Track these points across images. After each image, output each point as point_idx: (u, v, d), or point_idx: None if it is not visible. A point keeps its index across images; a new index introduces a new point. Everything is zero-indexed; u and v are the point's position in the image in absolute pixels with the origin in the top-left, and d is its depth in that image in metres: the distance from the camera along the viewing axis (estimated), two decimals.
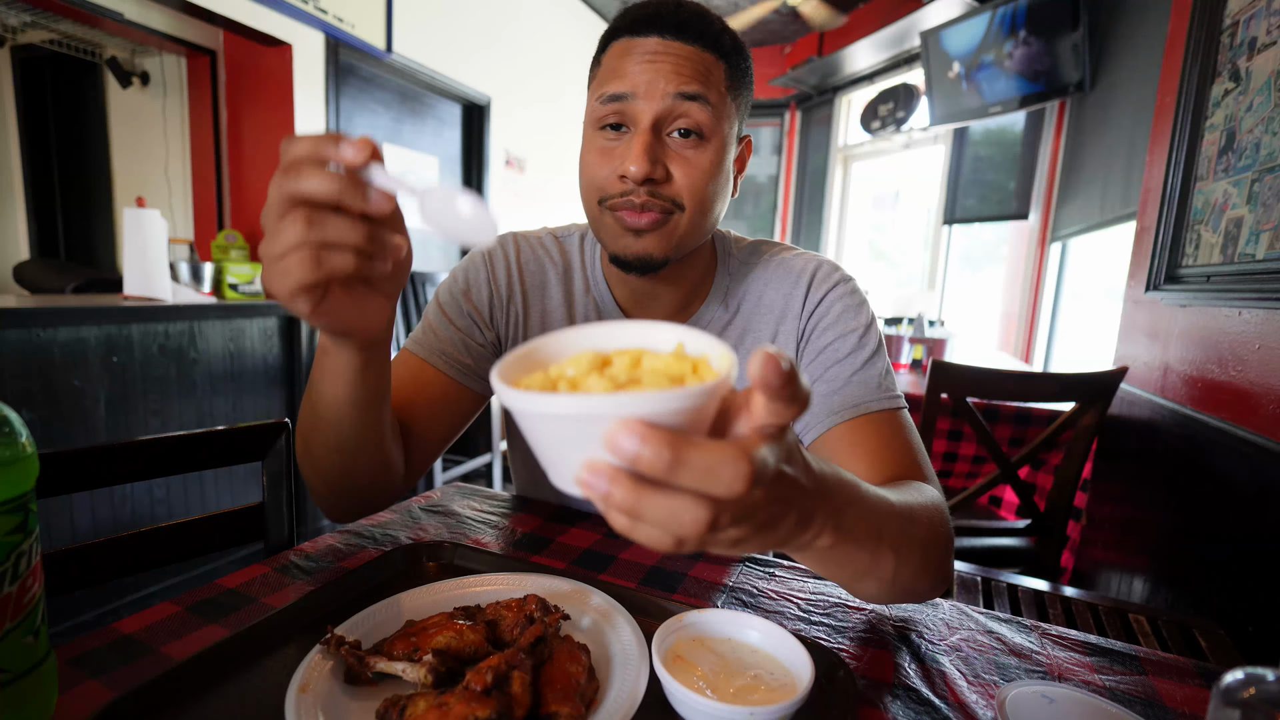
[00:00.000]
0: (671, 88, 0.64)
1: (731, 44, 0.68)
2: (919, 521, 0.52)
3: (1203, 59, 1.41)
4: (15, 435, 0.38)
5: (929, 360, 1.94)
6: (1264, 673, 0.31)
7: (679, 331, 0.34)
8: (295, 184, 0.40)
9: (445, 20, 3.19)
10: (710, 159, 0.67)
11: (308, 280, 0.42)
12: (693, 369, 0.31)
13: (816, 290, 0.77)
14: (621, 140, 0.67)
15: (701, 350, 0.33)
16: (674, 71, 0.64)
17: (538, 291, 0.83)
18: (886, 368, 0.73)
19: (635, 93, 0.65)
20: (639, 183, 0.65)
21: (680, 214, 0.68)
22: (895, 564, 0.49)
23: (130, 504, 1.98)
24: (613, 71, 0.67)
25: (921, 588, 0.56)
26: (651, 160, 0.64)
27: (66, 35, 2.91)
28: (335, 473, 0.63)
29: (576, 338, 0.35)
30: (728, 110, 0.68)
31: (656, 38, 0.65)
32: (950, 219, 3.98)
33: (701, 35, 0.66)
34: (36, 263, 2.92)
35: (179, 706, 0.43)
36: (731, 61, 0.68)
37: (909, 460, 0.67)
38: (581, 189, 0.72)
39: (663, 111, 0.65)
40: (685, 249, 0.71)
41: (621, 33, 0.68)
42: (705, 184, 0.67)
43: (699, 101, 0.65)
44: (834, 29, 3.96)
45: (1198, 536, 1.26)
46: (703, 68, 0.65)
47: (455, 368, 0.76)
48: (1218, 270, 1.28)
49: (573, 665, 0.45)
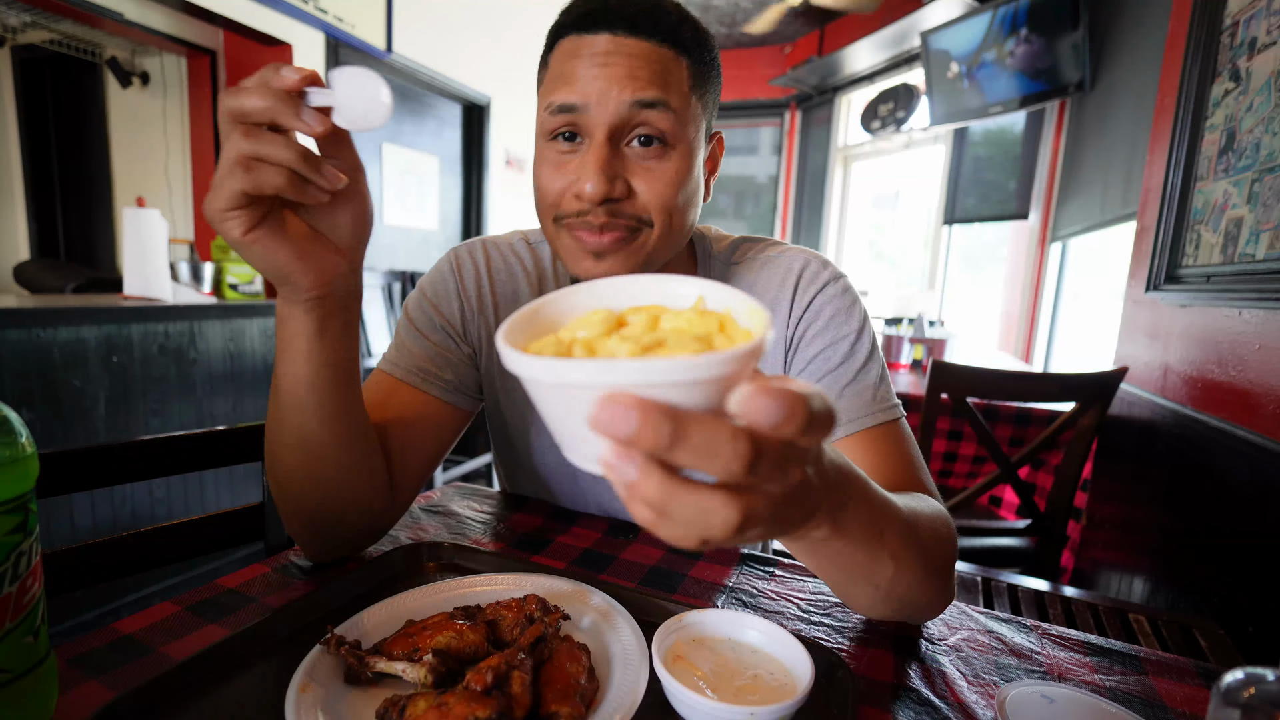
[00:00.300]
0: (627, 95, 0.57)
1: (693, 35, 0.61)
2: (922, 530, 0.50)
3: (1203, 59, 1.41)
4: (15, 435, 0.38)
5: (929, 360, 1.94)
6: (1264, 673, 0.31)
7: (699, 285, 0.31)
8: (233, 101, 0.43)
9: (445, 20, 3.19)
10: (676, 168, 0.61)
11: (236, 189, 0.43)
12: (719, 327, 0.29)
13: (804, 293, 0.72)
14: (576, 152, 0.61)
15: (725, 304, 0.30)
16: (629, 75, 0.57)
17: (510, 302, 0.78)
18: (881, 373, 0.69)
19: (586, 103, 0.58)
20: (596, 203, 0.59)
21: (648, 230, 0.62)
22: (894, 570, 0.47)
23: (130, 504, 1.98)
24: (560, 77, 0.60)
25: (920, 602, 0.53)
26: (609, 177, 0.58)
27: (66, 35, 2.91)
28: (303, 484, 0.58)
29: (587, 296, 0.32)
30: (692, 112, 0.62)
31: (607, 34, 0.58)
32: (950, 219, 3.98)
33: (658, 28, 0.59)
34: (36, 263, 2.92)
35: (179, 706, 0.43)
36: (694, 56, 0.61)
37: (907, 475, 0.64)
38: (536, 207, 0.66)
39: (619, 121, 0.58)
40: (655, 267, 0.65)
41: (568, 29, 0.61)
42: (673, 196, 0.61)
43: (659, 108, 0.58)
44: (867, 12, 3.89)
45: (1198, 536, 1.26)
46: (661, 67, 0.59)
47: (435, 385, 0.72)
48: (1218, 270, 1.28)
49: (573, 665, 0.45)
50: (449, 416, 0.73)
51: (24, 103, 3.45)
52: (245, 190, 0.43)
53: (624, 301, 0.32)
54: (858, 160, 4.77)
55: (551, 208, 0.63)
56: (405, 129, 3.22)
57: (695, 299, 0.31)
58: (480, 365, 0.78)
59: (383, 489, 0.64)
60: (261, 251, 0.47)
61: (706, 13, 4.44)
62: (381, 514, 0.66)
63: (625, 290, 0.33)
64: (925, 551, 0.50)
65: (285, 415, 0.55)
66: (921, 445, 1.51)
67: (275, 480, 0.60)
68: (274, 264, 0.48)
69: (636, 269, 0.63)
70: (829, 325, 0.70)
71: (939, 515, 0.55)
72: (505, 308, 0.77)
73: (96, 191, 3.41)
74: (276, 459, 0.58)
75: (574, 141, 0.61)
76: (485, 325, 0.77)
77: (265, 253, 0.48)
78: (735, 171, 5.43)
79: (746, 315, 0.29)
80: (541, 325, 0.32)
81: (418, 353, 0.73)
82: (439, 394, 0.72)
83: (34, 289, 2.65)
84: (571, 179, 0.61)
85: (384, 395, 0.70)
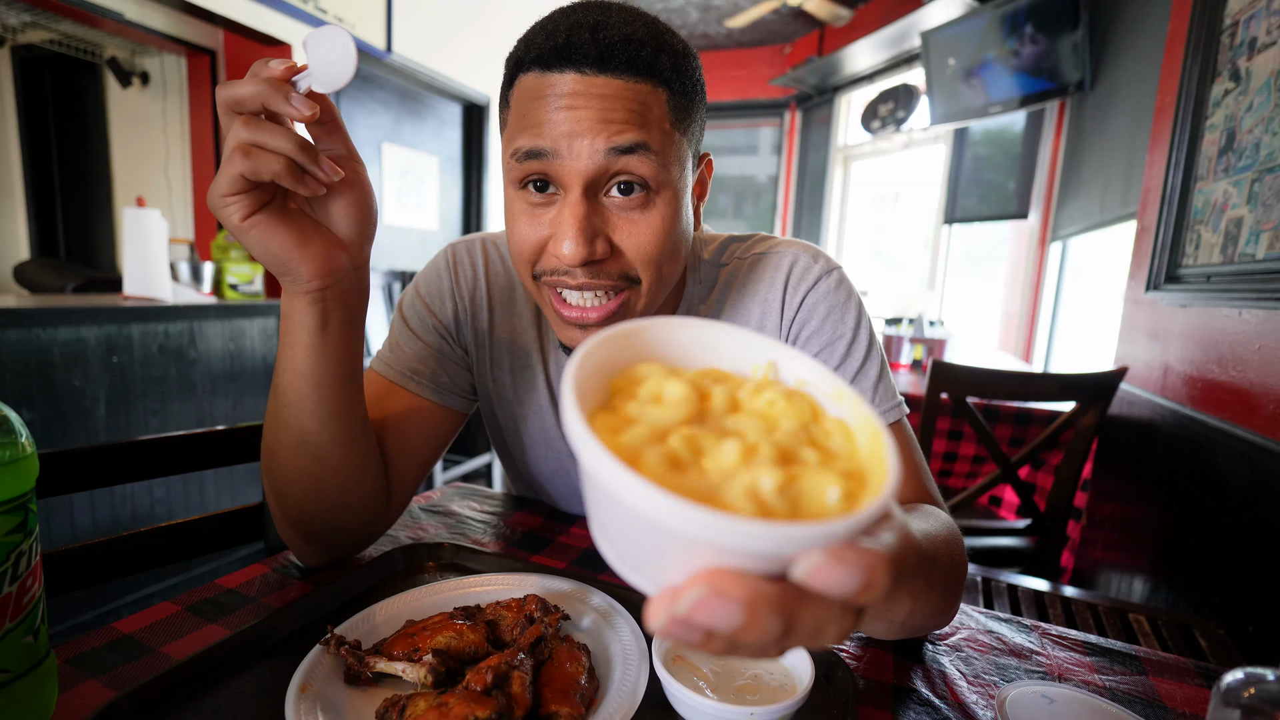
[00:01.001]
0: (601, 142, 0.51)
1: (671, 64, 0.54)
2: (939, 563, 0.47)
3: (1203, 59, 1.41)
4: (15, 435, 0.38)
5: (929, 360, 1.94)
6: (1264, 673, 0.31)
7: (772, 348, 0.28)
8: (227, 91, 0.45)
9: (445, 20, 3.19)
10: (661, 215, 0.55)
11: (235, 173, 0.45)
12: (813, 416, 0.26)
13: (795, 291, 0.68)
14: (551, 204, 0.55)
15: (798, 377, 0.28)
16: (601, 119, 0.51)
17: (505, 309, 0.75)
18: (881, 371, 0.67)
19: (556, 150, 0.52)
20: (576, 265, 0.54)
21: (636, 289, 0.58)
22: (911, 608, 0.45)
23: (130, 504, 1.98)
24: (523, 120, 0.53)
25: (931, 624, 0.54)
26: (588, 238, 0.53)
27: (66, 35, 2.91)
28: (302, 486, 0.57)
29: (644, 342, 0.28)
30: (676, 149, 0.55)
31: (574, 74, 0.51)
32: (950, 219, 3.98)
33: (632, 63, 0.51)
34: (36, 263, 2.92)
35: (179, 706, 0.43)
36: (674, 86, 0.54)
37: (911, 480, 0.62)
38: (511, 256, 0.61)
39: (595, 171, 0.52)
40: (649, 312, 0.61)
41: (526, 65, 0.54)
42: (659, 248, 0.56)
43: (639, 153, 0.52)
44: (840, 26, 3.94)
45: (1198, 536, 1.26)
46: (638, 106, 0.52)
47: (429, 387, 0.70)
48: (1218, 270, 1.28)
49: (573, 665, 0.45)
50: (443, 418, 0.72)
51: (24, 103, 3.45)
52: (244, 174, 0.45)
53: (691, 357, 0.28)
54: (858, 160, 4.77)
55: (528, 264, 0.58)
56: (405, 129, 3.22)
57: (766, 365, 0.28)
58: (472, 367, 0.77)
59: (380, 492, 0.64)
60: (260, 237, 0.48)
61: (707, 12, 4.44)
62: (377, 518, 0.65)
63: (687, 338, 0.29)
64: (942, 582, 0.48)
65: (286, 414, 0.55)
66: (922, 445, 1.51)
67: (273, 483, 0.59)
68: (273, 251, 0.49)
69: None
70: (823, 325, 0.67)
71: (952, 536, 0.52)
72: (500, 308, 0.75)
73: (96, 191, 3.41)
74: (275, 461, 0.58)
75: (546, 191, 0.55)
76: (477, 326, 0.75)
77: (264, 239, 0.48)
78: (735, 171, 5.43)
79: (834, 400, 0.26)
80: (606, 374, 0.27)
81: (410, 353, 0.71)
82: (432, 396, 0.71)
83: (34, 289, 2.65)
84: (547, 234, 0.55)
85: (378, 396, 0.69)
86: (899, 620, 0.48)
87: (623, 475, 0.20)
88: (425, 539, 0.72)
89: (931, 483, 0.65)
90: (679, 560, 0.21)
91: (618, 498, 0.21)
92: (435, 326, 0.73)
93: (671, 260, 0.59)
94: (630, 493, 0.20)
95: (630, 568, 0.24)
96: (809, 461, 0.24)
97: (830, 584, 0.21)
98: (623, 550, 0.24)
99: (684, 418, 0.25)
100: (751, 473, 0.22)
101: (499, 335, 0.75)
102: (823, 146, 4.84)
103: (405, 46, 2.95)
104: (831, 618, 0.23)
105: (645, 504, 0.20)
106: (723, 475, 0.23)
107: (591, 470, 0.21)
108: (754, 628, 0.21)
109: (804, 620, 0.22)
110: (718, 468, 0.23)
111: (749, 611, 0.21)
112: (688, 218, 0.61)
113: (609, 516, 0.24)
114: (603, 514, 0.24)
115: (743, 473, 0.22)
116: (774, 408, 0.26)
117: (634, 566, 0.24)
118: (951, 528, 0.54)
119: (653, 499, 0.19)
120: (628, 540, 0.24)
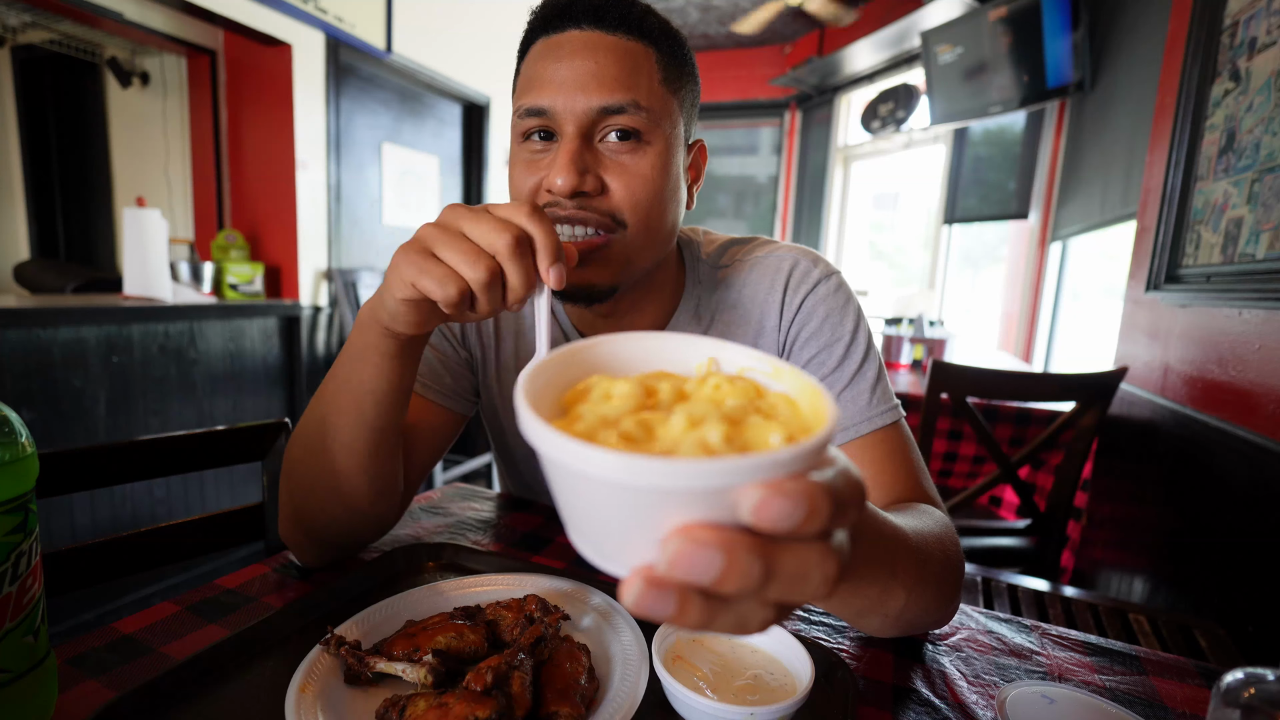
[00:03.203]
0: (595, 101, 0.56)
1: (660, 28, 0.61)
2: (932, 553, 0.49)
3: (1203, 59, 1.41)
4: (15, 435, 0.38)
5: (929, 360, 1.94)
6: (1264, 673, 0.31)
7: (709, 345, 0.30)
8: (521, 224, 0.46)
9: (445, 20, 3.19)
10: (652, 163, 0.59)
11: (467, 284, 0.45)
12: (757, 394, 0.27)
13: (794, 294, 0.69)
14: (549, 151, 0.59)
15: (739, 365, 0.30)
16: (595, 77, 0.56)
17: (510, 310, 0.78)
18: (879, 374, 0.67)
19: (555, 107, 0.57)
20: (567, 196, 0.57)
21: (622, 232, 0.59)
22: (905, 599, 0.46)
23: (130, 504, 1.98)
24: (530, 80, 0.59)
25: (928, 621, 0.53)
26: (579, 170, 0.56)
27: (66, 35, 2.91)
28: (331, 490, 0.58)
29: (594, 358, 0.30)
30: (668, 107, 0.60)
31: (574, 30, 0.58)
32: (950, 219, 3.98)
33: (624, 20, 0.58)
34: (36, 263, 2.92)
35: (179, 706, 0.43)
36: (663, 48, 0.60)
37: (907, 479, 0.63)
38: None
39: (589, 118, 0.57)
40: (635, 273, 0.63)
41: (536, 33, 0.61)
42: (647, 193, 0.59)
43: (628, 112, 0.57)
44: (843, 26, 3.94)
45: (1198, 536, 1.26)
46: (630, 62, 0.58)
47: (433, 389, 0.71)
48: (1218, 270, 1.28)
49: (573, 665, 0.45)
50: (445, 420, 0.73)
51: (24, 103, 3.44)
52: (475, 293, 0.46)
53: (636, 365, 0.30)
54: (858, 160, 4.77)
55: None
56: (405, 129, 3.22)
57: (707, 361, 0.30)
58: (477, 369, 0.77)
59: (396, 497, 0.64)
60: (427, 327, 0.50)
61: (707, 13, 4.44)
62: (386, 522, 0.66)
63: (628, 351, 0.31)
64: (936, 576, 0.49)
65: (340, 421, 0.56)
66: (921, 445, 1.51)
67: (296, 483, 0.60)
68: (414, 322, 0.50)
69: (614, 277, 0.61)
70: (822, 327, 0.68)
71: (946, 532, 0.54)
72: (505, 313, 0.75)
73: (96, 191, 3.41)
74: (311, 464, 0.58)
75: (547, 140, 0.60)
76: (482, 328, 0.76)
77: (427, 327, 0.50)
78: (735, 171, 5.42)
79: (775, 378, 0.28)
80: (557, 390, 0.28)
81: None
82: (436, 398, 0.71)
83: (34, 289, 2.65)
84: (543, 174, 0.59)
85: None
86: (894, 614, 0.48)
87: (581, 448, 0.21)
88: (425, 539, 0.72)
89: (929, 483, 0.65)
90: (648, 533, 0.22)
91: (580, 472, 0.21)
92: (441, 329, 0.74)
93: (658, 213, 0.61)
94: (589, 462, 0.21)
95: (605, 557, 0.25)
96: (754, 424, 0.25)
97: (775, 517, 0.21)
98: (596, 538, 0.25)
99: (633, 408, 0.26)
100: (700, 431, 0.24)
101: (504, 337, 0.76)
102: (823, 146, 4.84)
103: (405, 46, 2.95)
104: (811, 561, 0.23)
105: (603, 468, 0.21)
106: (674, 442, 0.24)
107: (553, 456, 0.22)
108: (734, 572, 0.21)
109: (783, 563, 0.22)
110: (669, 436, 0.24)
111: (727, 553, 0.21)
112: (677, 178, 0.63)
113: (577, 505, 0.24)
114: (571, 506, 0.25)
115: (692, 434, 0.24)
116: (719, 391, 0.27)
117: (609, 555, 0.25)
118: (945, 525, 0.55)
119: (610, 460, 0.20)
120: (597, 525, 0.24)
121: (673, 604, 0.22)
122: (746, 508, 0.21)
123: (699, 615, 0.22)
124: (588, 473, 0.21)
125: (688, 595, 0.22)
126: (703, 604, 0.22)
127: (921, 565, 0.46)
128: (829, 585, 0.24)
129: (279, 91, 2.53)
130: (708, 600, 0.22)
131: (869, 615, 0.49)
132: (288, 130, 2.53)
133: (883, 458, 0.64)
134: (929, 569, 0.48)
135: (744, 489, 0.21)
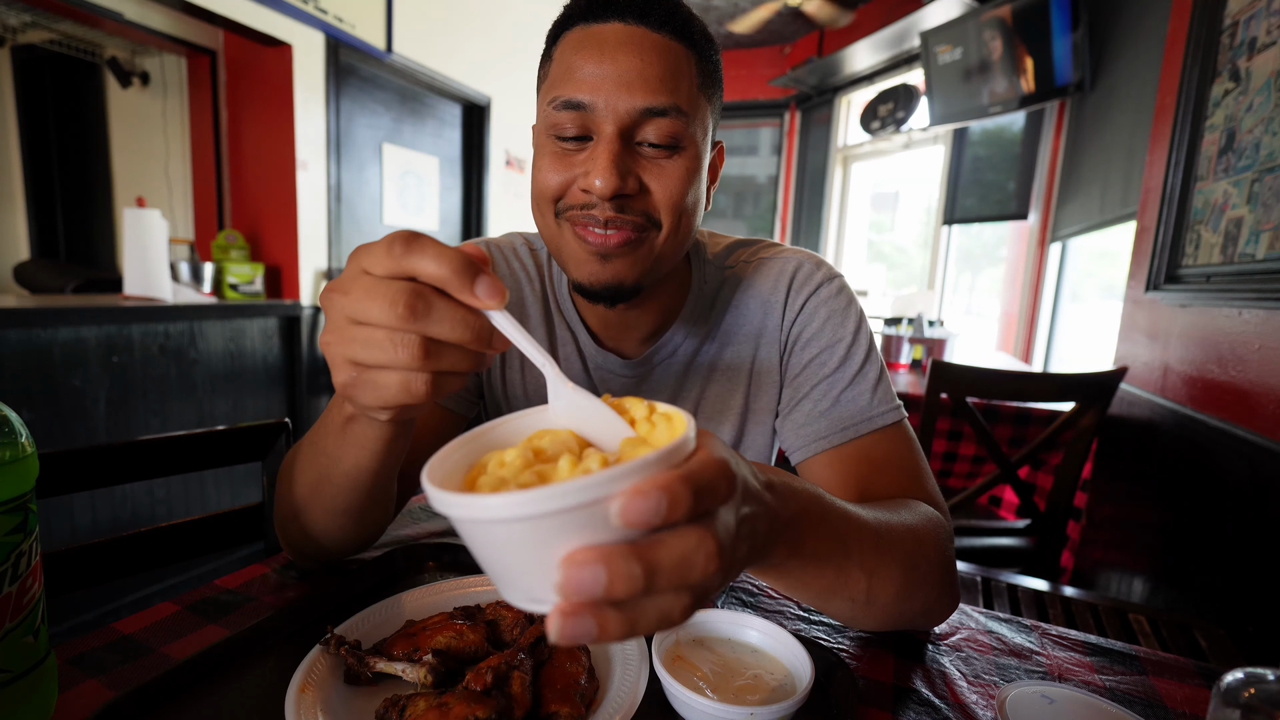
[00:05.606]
0: (639, 101, 0.55)
1: (701, 33, 0.60)
2: (899, 537, 0.49)
3: (1203, 59, 1.41)
4: (15, 435, 0.38)
5: (929, 360, 1.94)
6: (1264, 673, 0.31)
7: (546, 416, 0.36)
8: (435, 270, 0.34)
9: (445, 20, 3.19)
10: (686, 166, 0.58)
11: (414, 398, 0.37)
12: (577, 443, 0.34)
13: (796, 296, 0.70)
14: (582, 149, 0.58)
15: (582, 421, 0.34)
16: (640, 76, 0.55)
17: (515, 310, 0.74)
18: (880, 375, 0.67)
19: (595, 105, 0.55)
20: (606, 198, 0.55)
21: (656, 232, 0.59)
22: (868, 584, 0.47)
23: (130, 504, 1.98)
24: (567, 70, 0.57)
25: (914, 610, 0.53)
26: (622, 173, 0.55)
27: (66, 35, 2.91)
28: (333, 534, 0.57)
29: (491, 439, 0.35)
30: (700, 112, 0.59)
31: (617, 22, 0.56)
32: (950, 219, 3.98)
33: (670, 20, 0.56)
34: (36, 263, 2.92)
35: (179, 706, 0.43)
36: (703, 53, 0.59)
37: (906, 479, 0.63)
38: (533, 201, 0.62)
39: (630, 121, 0.56)
40: (661, 272, 0.63)
41: (574, 20, 0.58)
42: (683, 194, 0.59)
43: (671, 115, 0.56)
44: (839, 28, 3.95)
45: (1198, 536, 1.26)
46: (673, 65, 0.56)
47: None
48: (1218, 270, 1.28)
49: (573, 665, 0.45)
50: (446, 421, 0.72)
51: (24, 103, 3.44)
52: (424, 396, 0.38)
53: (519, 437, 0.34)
54: (857, 160, 4.77)
55: (551, 202, 0.60)
56: (405, 129, 3.22)
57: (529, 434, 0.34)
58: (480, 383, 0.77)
59: (389, 517, 0.62)
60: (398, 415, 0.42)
61: (707, 13, 4.44)
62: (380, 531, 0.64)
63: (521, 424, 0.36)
64: (906, 559, 0.49)
65: (334, 492, 0.52)
66: (922, 445, 1.50)
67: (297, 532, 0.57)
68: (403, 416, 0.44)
69: (643, 275, 0.61)
70: (823, 329, 0.68)
71: (926, 523, 0.54)
72: (511, 309, 0.73)
73: (96, 191, 3.41)
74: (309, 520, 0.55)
75: (579, 140, 0.57)
76: None
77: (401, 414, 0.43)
78: (735, 172, 5.42)
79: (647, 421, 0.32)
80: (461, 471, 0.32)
81: None
82: (442, 401, 0.71)
83: (34, 289, 2.65)
84: (578, 172, 0.57)
85: None
86: (861, 598, 0.48)
87: (476, 499, 0.24)
88: (425, 540, 0.72)
89: (931, 482, 0.65)
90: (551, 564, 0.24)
91: (480, 520, 0.24)
92: None
93: (689, 215, 0.61)
94: (486, 509, 0.24)
95: (534, 600, 0.26)
96: (631, 451, 0.29)
97: (640, 515, 0.23)
98: (520, 584, 0.27)
99: (523, 467, 0.30)
100: (583, 464, 0.28)
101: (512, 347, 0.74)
102: (822, 147, 4.84)
103: (405, 46, 2.95)
104: (689, 544, 0.25)
105: (496, 510, 0.24)
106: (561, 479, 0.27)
107: (458, 515, 0.25)
108: (619, 577, 0.23)
109: (661, 556, 0.24)
110: (558, 478, 0.28)
111: (606, 565, 0.23)
112: (703, 180, 0.63)
113: (491, 557, 0.27)
114: (488, 560, 0.27)
115: (576, 468, 0.28)
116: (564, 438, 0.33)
117: (537, 597, 0.26)
118: (928, 517, 0.55)
119: (498, 501, 0.23)
120: (515, 570, 0.26)
121: (592, 624, 0.24)
122: (613, 515, 0.23)
123: (620, 625, 0.25)
124: (486, 518, 0.24)
125: (601, 612, 0.24)
126: (618, 615, 0.24)
127: (881, 549, 0.47)
128: (715, 560, 0.26)
129: (279, 92, 2.53)
130: (621, 610, 0.24)
131: (833, 598, 0.49)
132: (288, 130, 2.53)
133: (883, 457, 0.64)
134: (892, 553, 0.48)
135: (611, 499, 0.23)
